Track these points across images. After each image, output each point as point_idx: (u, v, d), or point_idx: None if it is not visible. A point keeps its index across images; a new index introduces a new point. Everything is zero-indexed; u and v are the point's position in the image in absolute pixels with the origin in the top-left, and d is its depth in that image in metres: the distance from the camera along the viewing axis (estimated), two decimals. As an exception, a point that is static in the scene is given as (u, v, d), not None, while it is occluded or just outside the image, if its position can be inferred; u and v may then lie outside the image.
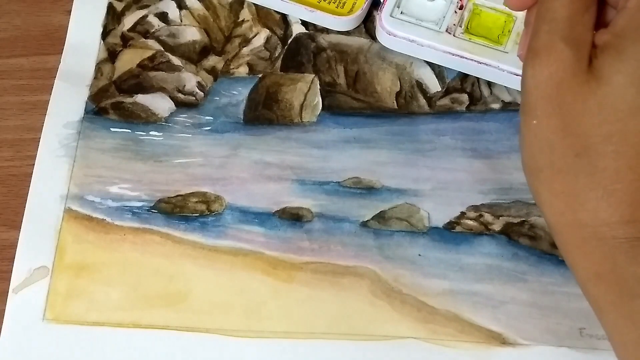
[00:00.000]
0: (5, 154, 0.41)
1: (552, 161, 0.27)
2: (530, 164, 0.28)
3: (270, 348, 0.35)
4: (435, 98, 0.41)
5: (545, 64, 0.27)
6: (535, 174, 0.28)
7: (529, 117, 0.28)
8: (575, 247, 0.28)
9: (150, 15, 0.44)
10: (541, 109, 0.27)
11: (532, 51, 0.27)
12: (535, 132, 0.27)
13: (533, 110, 0.27)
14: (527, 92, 0.28)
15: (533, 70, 0.27)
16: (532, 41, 0.28)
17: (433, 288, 0.36)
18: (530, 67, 0.27)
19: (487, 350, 0.35)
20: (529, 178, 0.29)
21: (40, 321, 0.36)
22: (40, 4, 0.45)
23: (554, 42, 0.27)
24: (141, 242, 0.38)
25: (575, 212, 0.27)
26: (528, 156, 0.28)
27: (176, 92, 0.42)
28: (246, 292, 0.37)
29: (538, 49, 0.27)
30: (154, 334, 0.36)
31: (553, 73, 0.27)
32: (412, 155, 0.39)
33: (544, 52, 0.27)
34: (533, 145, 0.28)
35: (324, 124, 0.41)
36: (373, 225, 0.38)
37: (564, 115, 0.27)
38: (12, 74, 0.43)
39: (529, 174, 0.29)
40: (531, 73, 0.27)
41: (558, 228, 0.28)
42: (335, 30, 0.43)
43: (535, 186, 0.28)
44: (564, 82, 0.26)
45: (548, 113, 0.27)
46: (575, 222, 0.27)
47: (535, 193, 0.29)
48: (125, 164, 0.40)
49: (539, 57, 0.27)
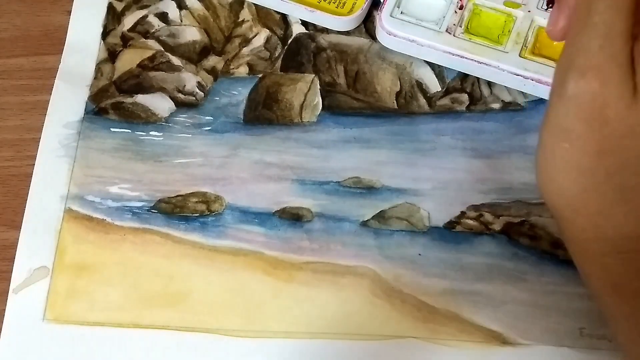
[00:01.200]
0: (5, 154, 0.41)
1: (579, 182, 0.26)
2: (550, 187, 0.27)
3: (270, 348, 0.35)
4: (435, 98, 0.41)
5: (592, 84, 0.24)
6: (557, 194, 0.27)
7: (559, 139, 0.26)
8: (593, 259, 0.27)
9: (150, 16, 0.44)
10: (578, 131, 0.25)
11: (578, 69, 0.25)
12: (564, 156, 0.26)
13: (567, 133, 0.25)
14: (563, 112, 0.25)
15: (576, 89, 0.25)
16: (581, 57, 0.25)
17: (433, 288, 0.36)
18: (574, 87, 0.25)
19: (487, 350, 0.35)
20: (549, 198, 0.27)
21: (40, 321, 0.36)
22: (40, 4, 0.45)
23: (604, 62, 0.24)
24: (141, 242, 0.38)
25: (598, 228, 0.26)
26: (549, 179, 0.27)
27: (176, 92, 0.42)
28: (246, 292, 0.37)
29: (586, 68, 0.24)
30: (154, 334, 0.36)
31: (598, 95, 0.24)
32: (412, 154, 0.39)
33: (592, 72, 0.24)
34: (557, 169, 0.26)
35: (324, 123, 0.41)
36: (373, 224, 0.38)
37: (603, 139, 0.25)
38: (12, 74, 0.43)
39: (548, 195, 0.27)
40: (573, 92, 0.25)
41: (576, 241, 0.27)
42: (335, 30, 0.43)
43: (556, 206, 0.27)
44: (609, 104, 0.24)
45: (586, 136, 0.25)
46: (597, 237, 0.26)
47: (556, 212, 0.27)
48: (125, 164, 0.40)
49: (585, 77, 0.24)
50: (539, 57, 0.39)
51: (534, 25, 0.40)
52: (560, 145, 0.26)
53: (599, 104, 0.24)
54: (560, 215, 0.28)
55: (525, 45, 0.39)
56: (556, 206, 0.27)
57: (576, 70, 0.25)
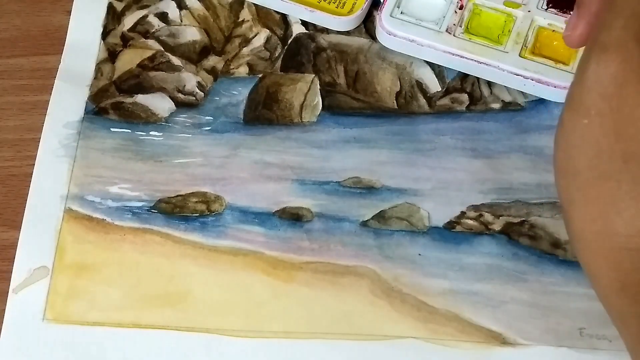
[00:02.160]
0: (5, 154, 0.41)
1: (595, 165, 0.25)
2: (565, 166, 0.27)
3: (270, 348, 0.35)
4: (435, 98, 0.41)
5: (613, 61, 0.24)
6: (571, 177, 0.26)
7: (579, 115, 0.25)
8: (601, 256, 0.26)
9: (151, 15, 0.44)
10: (597, 108, 0.25)
11: (600, 45, 0.25)
12: (583, 133, 0.25)
13: (587, 109, 0.25)
14: (584, 87, 0.25)
15: (597, 65, 0.25)
16: (603, 35, 0.25)
17: (433, 288, 0.36)
18: (595, 62, 0.25)
19: (487, 350, 0.35)
20: (561, 180, 0.27)
21: (40, 321, 0.36)
22: (40, 4, 0.45)
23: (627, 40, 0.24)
24: (141, 242, 0.38)
25: (609, 220, 0.25)
26: (565, 157, 0.26)
27: (176, 92, 0.42)
28: (246, 292, 0.37)
29: (608, 44, 0.25)
30: (154, 334, 0.36)
31: (619, 72, 0.24)
32: (412, 155, 0.39)
33: (614, 48, 0.24)
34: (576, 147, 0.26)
35: (324, 123, 0.41)
36: (373, 224, 0.38)
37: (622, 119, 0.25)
38: (12, 74, 0.43)
39: (561, 176, 0.27)
40: (594, 68, 0.25)
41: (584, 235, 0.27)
42: (335, 30, 0.43)
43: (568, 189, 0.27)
44: (629, 83, 0.24)
45: (604, 114, 0.25)
46: (606, 231, 0.26)
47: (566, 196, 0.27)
48: (125, 164, 0.40)
49: (607, 52, 0.24)
50: (539, 57, 0.39)
51: (534, 25, 0.40)
52: (579, 122, 0.25)
53: (619, 81, 0.24)
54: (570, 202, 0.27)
55: (525, 45, 0.39)
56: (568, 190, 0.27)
57: (599, 46, 0.25)
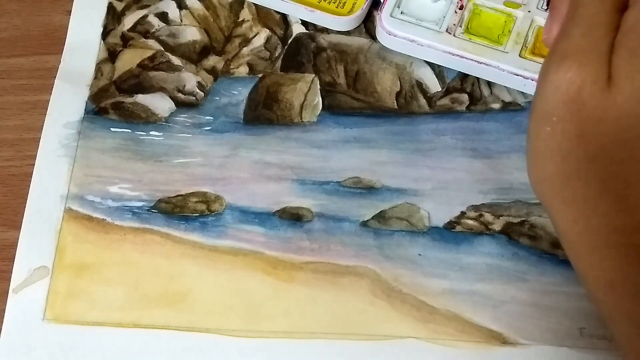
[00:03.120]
0: (5, 154, 0.41)
1: (563, 168, 0.26)
2: (537, 174, 0.27)
3: (270, 348, 0.35)
4: (435, 98, 0.41)
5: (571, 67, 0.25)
6: (544, 183, 0.27)
7: (541, 124, 0.26)
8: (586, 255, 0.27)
9: (151, 15, 0.44)
10: (558, 114, 0.26)
11: (559, 53, 0.26)
12: (546, 140, 0.26)
13: (549, 116, 0.26)
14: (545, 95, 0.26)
15: (556, 73, 0.25)
16: (563, 43, 0.26)
17: (433, 288, 0.36)
18: (554, 70, 0.26)
19: (487, 350, 0.35)
20: (538, 188, 0.28)
21: (40, 321, 0.36)
22: (40, 4, 0.45)
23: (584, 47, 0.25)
24: (141, 242, 0.38)
25: (588, 219, 0.26)
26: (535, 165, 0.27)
27: (176, 92, 0.42)
28: (246, 292, 0.37)
29: (567, 52, 0.25)
30: (154, 334, 0.36)
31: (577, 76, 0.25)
32: (412, 155, 0.39)
33: (572, 55, 0.25)
34: (542, 153, 0.27)
35: (324, 123, 0.41)
36: (373, 225, 0.38)
37: (582, 122, 0.25)
38: (12, 74, 0.43)
39: (537, 184, 0.28)
40: (553, 76, 0.26)
41: (569, 237, 0.27)
42: (335, 30, 0.43)
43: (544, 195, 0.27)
44: (585, 87, 0.25)
45: (565, 119, 0.26)
46: (587, 230, 0.26)
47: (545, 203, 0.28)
48: (125, 164, 0.40)
49: (565, 59, 0.25)
50: (539, 57, 0.39)
51: (534, 25, 0.40)
52: (543, 129, 0.26)
53: (576, 86, 0.25)
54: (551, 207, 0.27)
55: (525, 46, 0.39)
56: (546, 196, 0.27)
57: (558, 54, 0.26)
